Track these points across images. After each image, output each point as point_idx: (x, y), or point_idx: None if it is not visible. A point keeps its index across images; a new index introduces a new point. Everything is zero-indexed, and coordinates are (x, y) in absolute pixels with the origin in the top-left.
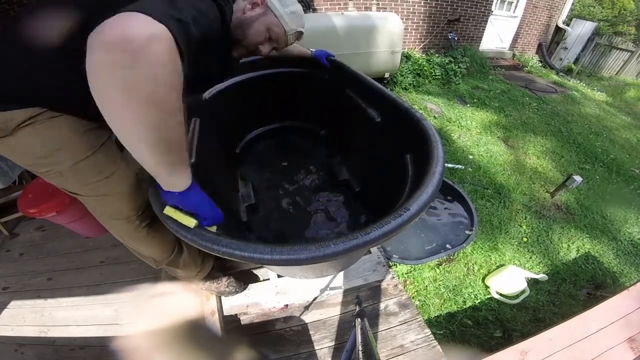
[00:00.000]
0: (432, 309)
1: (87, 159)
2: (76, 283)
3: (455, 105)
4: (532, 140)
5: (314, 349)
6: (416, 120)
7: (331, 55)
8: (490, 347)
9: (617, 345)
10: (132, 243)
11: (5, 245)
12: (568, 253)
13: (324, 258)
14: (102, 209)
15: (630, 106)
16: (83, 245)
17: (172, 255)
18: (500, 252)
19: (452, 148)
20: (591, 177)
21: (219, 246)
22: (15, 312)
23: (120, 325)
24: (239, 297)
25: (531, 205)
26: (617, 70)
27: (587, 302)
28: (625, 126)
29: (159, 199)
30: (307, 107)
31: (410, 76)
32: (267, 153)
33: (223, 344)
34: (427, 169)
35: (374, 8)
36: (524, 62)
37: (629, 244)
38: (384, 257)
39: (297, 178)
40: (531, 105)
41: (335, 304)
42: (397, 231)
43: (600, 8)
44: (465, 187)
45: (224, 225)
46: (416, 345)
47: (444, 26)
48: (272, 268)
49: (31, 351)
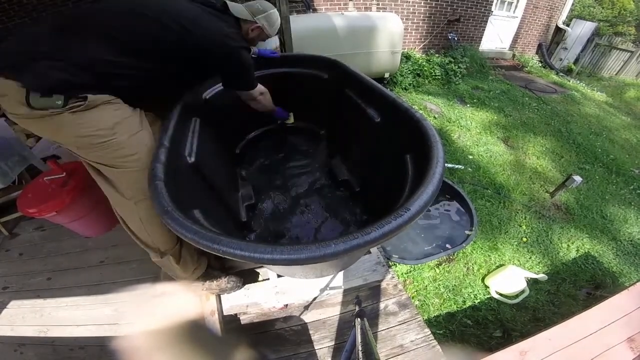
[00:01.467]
0: (431, 308)
1: (138, 133)
2: (76, 283)
3: (455, 106)
4: (532, 140)
5: (314, 349)
6: (416, 120)
7: (274, 53)
8: (490, 347)
9: (617, 345)
10: (148, 226)
11: (5, 245)
12: (568, 253)
13: (324, 258)
14: (137, 185)
15: (630, 106)
16: (83, 245)
17: (176, 245)
18: (499, 252)
19: (452, 148)
20: (591, 177)
21: (219, 246)
22: (15, 312)
23: (120, 325)
24: (239, 297)
25: (531, 205)
26: (617, 71)
27: (586, 302)
28: (625, 126)
29: (159, 199)
30: (307, 107)
31: (410, 76)
32: (267, 153)
33: (223, 344)
34: (427, 169)
35: (374, 8)
36: (524, 62)
37: (628, 243)
38: (383, 257)
39: (297, 178)
40: (531, 105)
41: (335, 303)
42: (397, 231)
43: (600, 8)
44: (465, 187)
45: (224, 225)
46: (416, 345)
47: (444, 26)
48: (272, 268)
49: (31, 351)
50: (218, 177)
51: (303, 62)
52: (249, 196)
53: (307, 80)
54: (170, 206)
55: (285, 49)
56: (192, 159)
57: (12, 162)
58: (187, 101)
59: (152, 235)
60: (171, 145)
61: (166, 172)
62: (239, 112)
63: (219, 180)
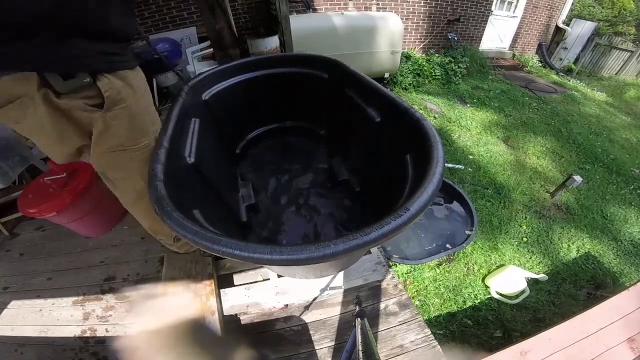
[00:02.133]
0: (432, 308)
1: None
2: (76, 283)
3: (455, 105)
4: (532, 140)
5: (314, 349)
6: (416, 120)
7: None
8: (490, 347)
9: (617, 345)
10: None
11: (5, 245)
12: (568, 253)
13: (324, 258)
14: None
15: (630, 106)
16: (83, 245)
17: None
18: (500, 252)
19: (452, 148)
20: (591, 177)
21: (218, 246)
22: (15, 312)
23: (121, 325)
24: (239, 297)
25: (531, 205)
26: (617, 70)
27: (587, 302)
28: (625, 126)
29: (159, 199)
30: (307, 107)
31: (410, 76)
32: (267, 153)
33: (223, 344)
34: (427, 169)
35: (374, 8)
36: (524, 62)
37: (629, 243)
38: (384, 257)
39: (297, 178)
40: (531, 105)
41: (335, 304)
42: (397, 231)
43: (600, 8)
44: (465, 187)
45: (224, 226)
46: (416, 345)
47: (444, 26)
48: (272, 268)
49: (31, 351)
50: (218, 177)
51: (303, 62)
52: (248, 196)
53: (307, 80)
54: (170, 206)
55: (285, 49)
56: (191, 159)
57: (12, 162)
58: (187, 102)
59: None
60: (171, 146)
61: (166, 172)
62: (239, 112)
63: (218, 181)
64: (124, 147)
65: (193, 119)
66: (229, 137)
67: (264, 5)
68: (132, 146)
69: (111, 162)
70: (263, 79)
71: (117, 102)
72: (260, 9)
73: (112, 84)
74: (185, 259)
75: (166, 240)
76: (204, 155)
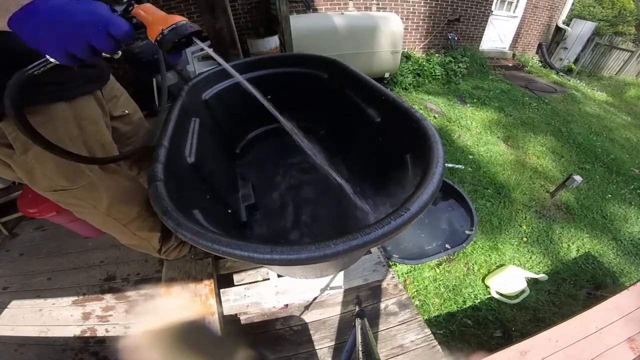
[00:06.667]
0: (432, 308)
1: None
2: (76, 283)
3: (455, 105)
4: (532, 140)
5: (314, 349)
6: (416, 120)
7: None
8: (490, 347)
9: (617, 345)
10: (144, 226)
11: (5, 245)
12: (568, 253)
13: (324, 258)
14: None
15: (631, 106)
16: (83, 245)
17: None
18: (500, 252)
19: (452, 148)
20: (591, 177)
21: (219, 246)
22: (15, 312)
23: (121, 325)
24: (239, 297)
25: (531, 205)
26: (617, 70)
27: (587, 302)
28: (625, 126)
29: (159, 199)
30: (307, 107)
31: (411, 76)
32: (267, 153)
33: (223, 344)
34: (427, 169)
35: (374, 8)
36: (524, 62)
37: (629, 243)
38: (384, 257)
39: (297, 178)
40: (531, 105)
41: (335, 303)
42: (397, 231)
43: (600, 8)
44: (465, 187)
45: (224, 226)
46: (416, 345)
47: (444, 26)
48: (272, 268)
49: (31, 351)
50: (218, 177)
51: (303, 61)
52: (249, 196)
53: (307, 80)
54: (170, 206)
55: (285, 49)
56: (191, 159)
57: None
58: (187, 102)
59: (151, 234)
60: (171, 146)
61: (166, 172)
62: (239, 112)
63: (218, 181)
64: (64, 187)
65: (193, 119)
66: (229, 137)
67: (264, 5)
68: (72, 187)
69: (59, 200)
70: (263, 79)
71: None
72: (260, 9)
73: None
74: (185, 259)
75: (149, 253)
76: (204, 155)
